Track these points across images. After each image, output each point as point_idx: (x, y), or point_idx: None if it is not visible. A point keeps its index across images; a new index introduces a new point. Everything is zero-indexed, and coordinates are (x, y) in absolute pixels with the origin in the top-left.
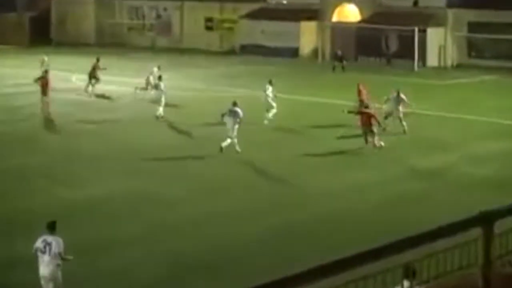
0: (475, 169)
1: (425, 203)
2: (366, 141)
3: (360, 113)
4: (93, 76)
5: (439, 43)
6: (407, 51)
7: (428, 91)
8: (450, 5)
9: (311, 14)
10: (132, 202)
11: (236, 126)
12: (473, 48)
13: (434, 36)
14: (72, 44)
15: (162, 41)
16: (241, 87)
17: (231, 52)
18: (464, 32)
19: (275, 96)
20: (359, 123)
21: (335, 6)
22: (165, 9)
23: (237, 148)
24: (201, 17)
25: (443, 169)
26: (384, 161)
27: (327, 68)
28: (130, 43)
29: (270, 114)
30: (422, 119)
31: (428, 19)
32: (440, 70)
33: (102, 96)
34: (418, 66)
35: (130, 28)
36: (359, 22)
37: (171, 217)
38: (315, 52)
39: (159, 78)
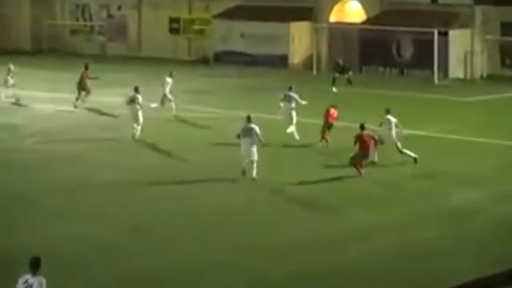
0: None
1: (448, 256)
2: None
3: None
4: (82, 87)
5: (465, 48)
6: (424, 59)
7: (451, 109)
8: (478, 1)
9: (304, 13)
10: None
11: (255, 148)
12: (507, 55)
13: (459, 40)
14: (1, 51)
15: (114, 48)
16: (216, 106)
17: (202, 62)
18: (496, 35)
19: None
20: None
21: (334, 2)
22: (118, 8)
23: (254, 174)
24: (164, 18)
25: (471, 211)
26: (398, 200)
27: (325, 81)
28: (74, 49)
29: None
30: (443, 144)
31: (451, 18)
32: (466, 83)
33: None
34: (439, 78)
35: (73, 31)
36: (364, 22)
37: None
38: (308, 61)
39: (136, 89)
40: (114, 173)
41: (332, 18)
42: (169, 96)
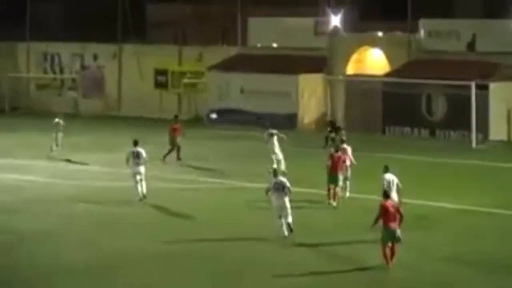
0: None
1: None
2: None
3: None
4: (174, 143)
5: (508, 105)
6: (460, 117)
7: (492, 178)
8: None
9: (316, 63)
10: None
11: (287, 199)
12: None
13: (501, 94)
14: None
15: (89, 105)
16: (213, 176)
17: (195, 122)
18: None
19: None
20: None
21: (351, 51)
22: (94, 58)
23: (285, 231)
24: (149, 69)
25: None
26: None
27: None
28: (41, 107)
29: None
30: (481, 221)
31: (491, 69)
32: (510, 146)
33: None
34: (478, 141)
35: (41, 86)
36: (388, 74)
37: None
38: (321, 121)
39: (136, 143)
40: (94, 254)
41: (350, 70)
42: None
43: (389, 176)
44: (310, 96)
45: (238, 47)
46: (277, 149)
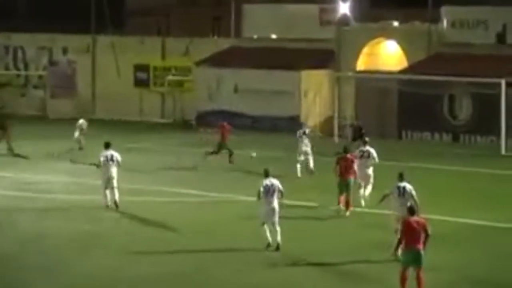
0: None
1: None
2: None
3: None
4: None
5: None
6: (487, 120)
7: None
8: None
9: (321, 57)
10: None
11: (277, 204)
12: None
13: None
14: None
15: (59, 107)
16: (202, 188)
17: (181, 126)
18: None
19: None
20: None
21: (362, 43)
22: (64, 52)
23: (269, 237)
24: (127, 65)
25: None
26: None
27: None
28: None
29: None
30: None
31: None
32: None
33: None
34: (508, 148)
35: (1, 84)
36: (405, 71)
37: None
38: (328, 125)
39: (107, 146)
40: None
41: (361, 65)
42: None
43: (404, 185)
44: (315, 96)
45: (231, 39)
46: (306, 147)
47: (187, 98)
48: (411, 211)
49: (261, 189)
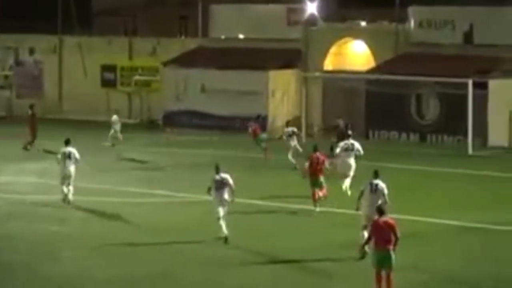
0: None
1: None
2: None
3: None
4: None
5: (511, 106)
6: (454, 120)
7: (492, 190)
8: None
9: (289, 57)
10: None
11: (227, 198)
12: None
13: (501, 93)
14: None
15: (25, 107)
16: (169, 189)
17: (148, 126)
18: None
19: None
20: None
21: (330, 43)
22: (30, 52)
23: (225, 231)
24: (94, 65)
25: None
26: None
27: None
28: None
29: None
30: (478, 239)
31: (491, 64)
32: None
33: None
34: (475, 147)
35: None
36: (372, 70)
37: None
38: (296, 125)
39: (67, 142)
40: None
41: (328, 65)
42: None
43: (377, 183)
44: (283, 96)
45: (199, 39)
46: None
47: (154, 98)
48: (380, 211)
49: (211, 184)
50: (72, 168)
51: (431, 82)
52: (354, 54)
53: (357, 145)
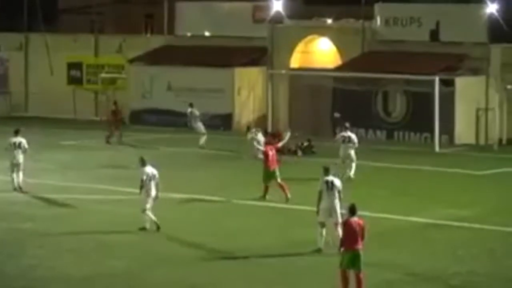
0: None
1: None
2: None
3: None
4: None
5: (477, 103)
6: (421, 118)
7: (459, 187)
8: (495, 38)
9: (254, 54)
10: None
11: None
12: None
13: (468, 91)
14: None
15: None
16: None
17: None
18: None
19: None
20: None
21: (296, 41)
22: None
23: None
24: (61, 62)
25: None
26: None
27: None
28: None
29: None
30: (451, 236)
31: (457, 62)
32: (479, 150)
33: None
34: (441, 145)
35: None
36: (339, 68)
37: None
38: (261, 123)
39: (17, 132)
40: None
41: (294, 63)
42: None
43: (332, 180)
44: (249, 93)
45: (164, 36)
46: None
47: (121, 96)
48: (352, 211)
49: (144, 177)
50: (21, 157)
51: (398, 79)
52: (321, 52)
53: (353, 137)
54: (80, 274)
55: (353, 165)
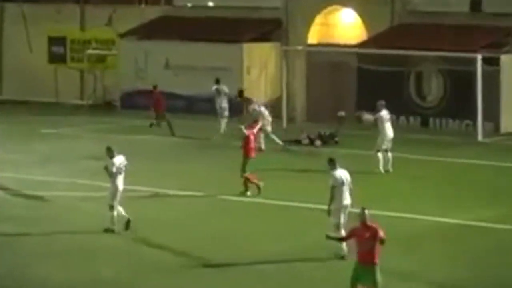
0: None
1: None
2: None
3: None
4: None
5: None
6: (461, 102)
7: (504, 182)
8: None
9: (266, 28)
10: None
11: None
12: None
13: None
14: None
15: None
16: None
17: (103, 108)
18: None
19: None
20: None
21: (315, 12)
22: None
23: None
24: (41, 37)
25: None
26: None
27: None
28: None
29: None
30: (489, 240)
31: (503, 37)
32: None
33: None
34: (486, 133)
35: None
36: (364, 44)
37: None
38: (275, 107)
39: None
40: None
41: (313, 38)
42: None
43: (340, 174)
44: (260, 73)
45: (161, 6)
46: None
47: (110, 76)
48: (363, 219)
49: (114, 169)
50: None
51: (433, 57)
52: (343, 25)
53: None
54: (61, 280)
55: (390, 154)
